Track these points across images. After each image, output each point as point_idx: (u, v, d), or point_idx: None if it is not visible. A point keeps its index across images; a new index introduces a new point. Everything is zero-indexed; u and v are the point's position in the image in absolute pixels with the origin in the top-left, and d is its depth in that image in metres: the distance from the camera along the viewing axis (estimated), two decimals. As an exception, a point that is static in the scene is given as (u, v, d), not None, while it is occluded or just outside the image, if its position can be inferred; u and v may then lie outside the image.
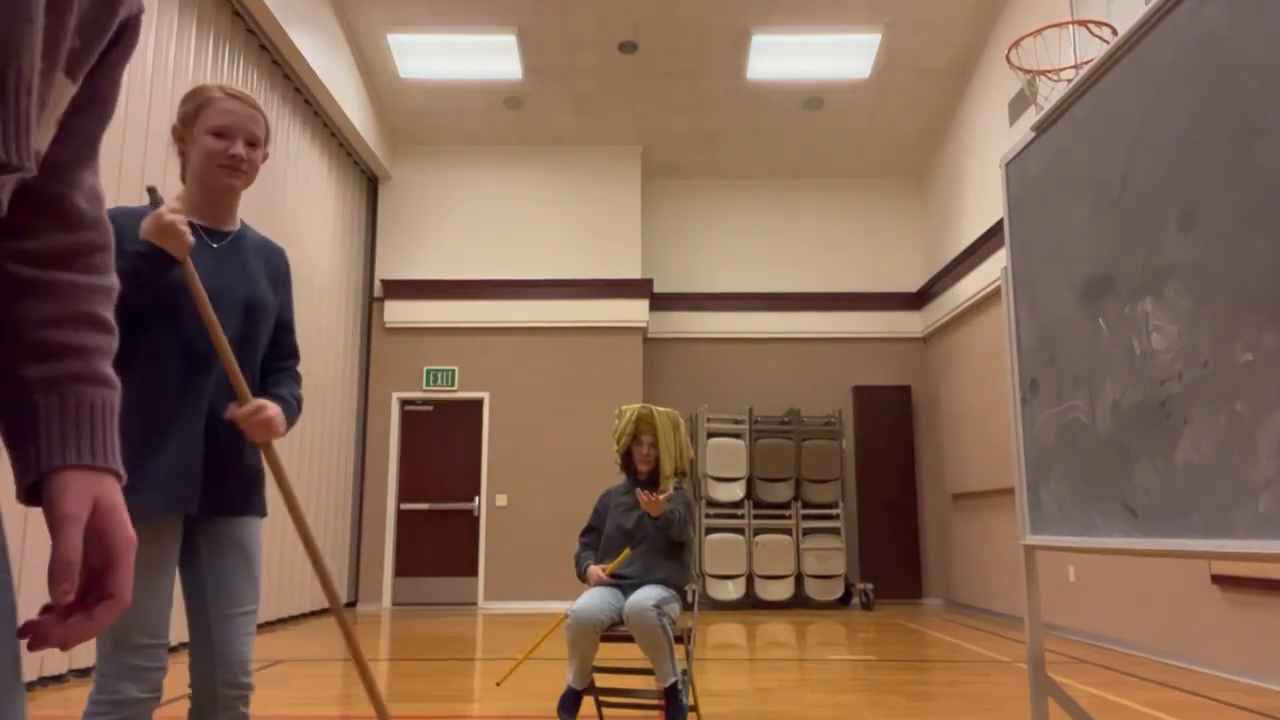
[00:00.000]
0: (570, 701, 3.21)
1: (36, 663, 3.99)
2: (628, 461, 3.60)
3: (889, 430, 9.37)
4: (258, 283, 1.86)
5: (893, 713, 3.75)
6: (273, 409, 1.76)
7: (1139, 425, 2.07)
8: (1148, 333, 2.03)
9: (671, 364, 9.46)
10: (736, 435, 8.85)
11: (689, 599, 3.61)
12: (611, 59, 8.11)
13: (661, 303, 9.45)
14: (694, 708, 3.29)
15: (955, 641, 6.19)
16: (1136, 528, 2.07)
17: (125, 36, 0.71)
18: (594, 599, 3.22)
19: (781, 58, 8.06)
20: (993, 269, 7.56)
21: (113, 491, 0.67)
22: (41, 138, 0.64)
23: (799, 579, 8.69)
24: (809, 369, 9.47)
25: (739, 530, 8.65)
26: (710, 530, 8.60)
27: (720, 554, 8.55)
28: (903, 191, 9.83)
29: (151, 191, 1.67)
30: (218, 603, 1.73)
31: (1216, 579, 4.72)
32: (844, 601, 8.72)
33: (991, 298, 7.67)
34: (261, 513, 1.83)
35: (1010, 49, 4.84)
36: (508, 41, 7.88)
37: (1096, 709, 3.74)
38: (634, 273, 9.07)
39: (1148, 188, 2.04)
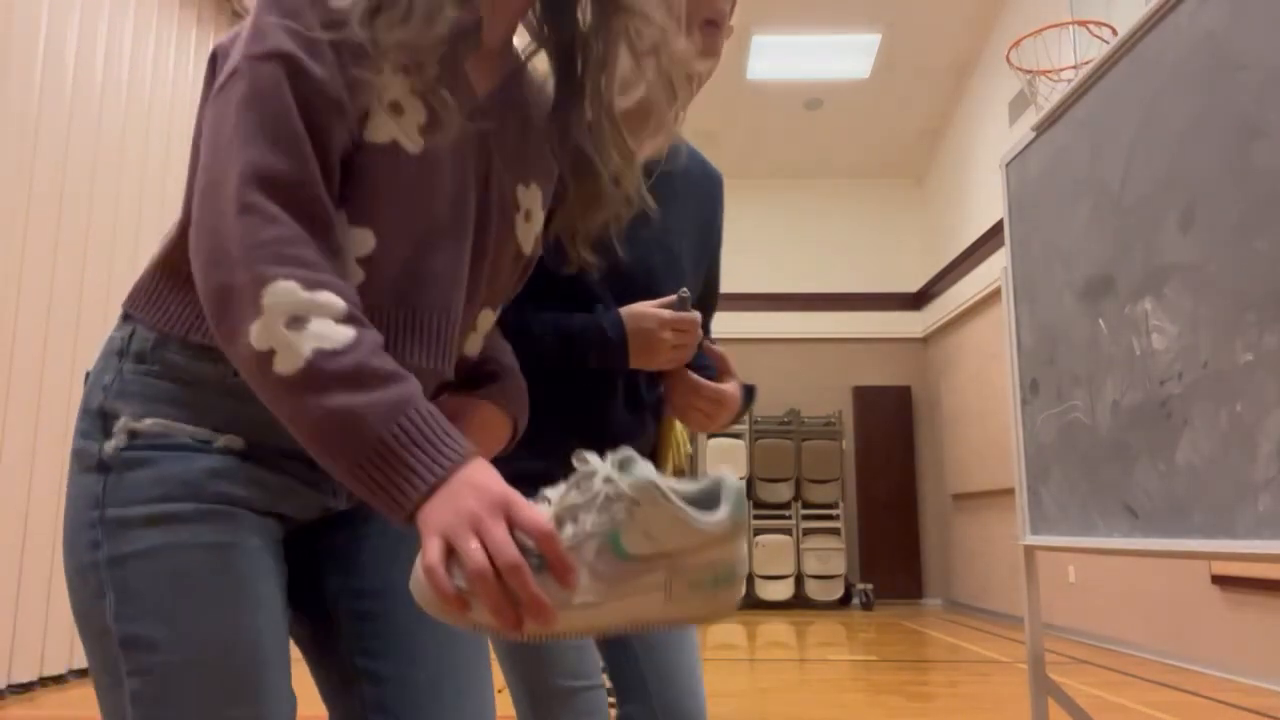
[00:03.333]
0: None
1: (36, 663, 3.99)
2: (627, 462, 3.59)
3: (889, 430, 9.37)
4: (687, 240, 1.33)
5: (893, 713, 3.75)
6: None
7: (1139, 425, 2.06)
8: (1148, 333, 2.03)
9: (671, 364, 9.45)
10: (736, 435, 8.85)
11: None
12: (611, 59, 8.10)
13: (661, 303, 9.43)
14: (694, 708, 3.28)
15: (955, 641, 6.19)
16: (1136, 528, 2.07)
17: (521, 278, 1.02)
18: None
19: (781, 58, 8.06)
20: (993, 269, 7.56)
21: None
22: (476, 346, 0.95)
23: (799, 579, 8.69)
24: (809, 369, 9.46)
25: (739, 530, 8.65)
26: (710, 530, 8.59)
27: (720, 554, 8.54)
28: (903, 191, 9.82)
29: (683, 299, 1.21)
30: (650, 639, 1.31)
31: (1216, 579, 4.72)
32: (844, 602, 8.72)
33: (991, 298, 7.67)
34: None
35: (1010, 49, 4.84)
36: (508, 41, 7.88)
37: (1096, 709, 3.74)
38: (634, 273, 9.06)
39: (1148, 188, 2.04)
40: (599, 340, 1.19)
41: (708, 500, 0.72)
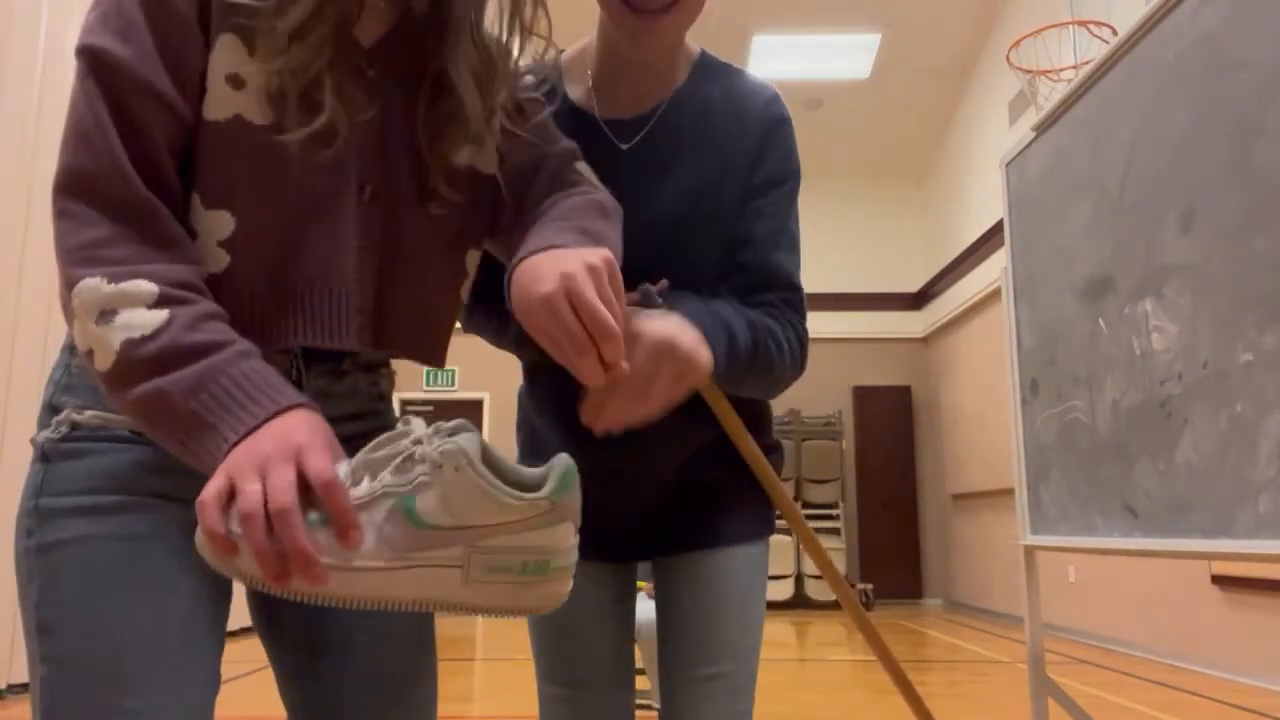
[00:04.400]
0: None
1: (36, 663, 3.98)
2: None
3: (889, 430, 9.37)
4: (701, 207, 1.08)
5: (893, 713, 3.75)
6: None
7: (1139, 425, 2.06)
8: (1148, 333, 2.03)
9: (671, 364, 9.45)
10: (736, 435, 8.85)
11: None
12: (611, 59, 8.10)
13: (661, 303, 9.43)
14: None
15: (955, 641, 6.19)
16: (1137, 528, 2.07)
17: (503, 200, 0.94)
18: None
19: (781, 58, 8.06)
20: (993, 269, 7.56)
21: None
22: (468, 291, 0.93)
23: (799, 579, 8.69)
24: (809, 369, 9.29)
25: (739, 530, 8.65)
26: (710, 530, 8.60)
27: (720, 554, 8.55)
28: (903, 191, 9.82)
29: (647, 293, 0.95)
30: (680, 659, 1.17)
31: (1216, 579, 4.72)
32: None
33: (991, 298, 7.67)
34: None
35: (1010, 49, 4.85)
36: (508, 41, 7.88)
37: (1096, 709, 3.74)
38: (634, 273, 9.06)
39: (1148, 188, 2.04)
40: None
41: (539, 485, 0.66)
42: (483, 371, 9.06)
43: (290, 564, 0.61)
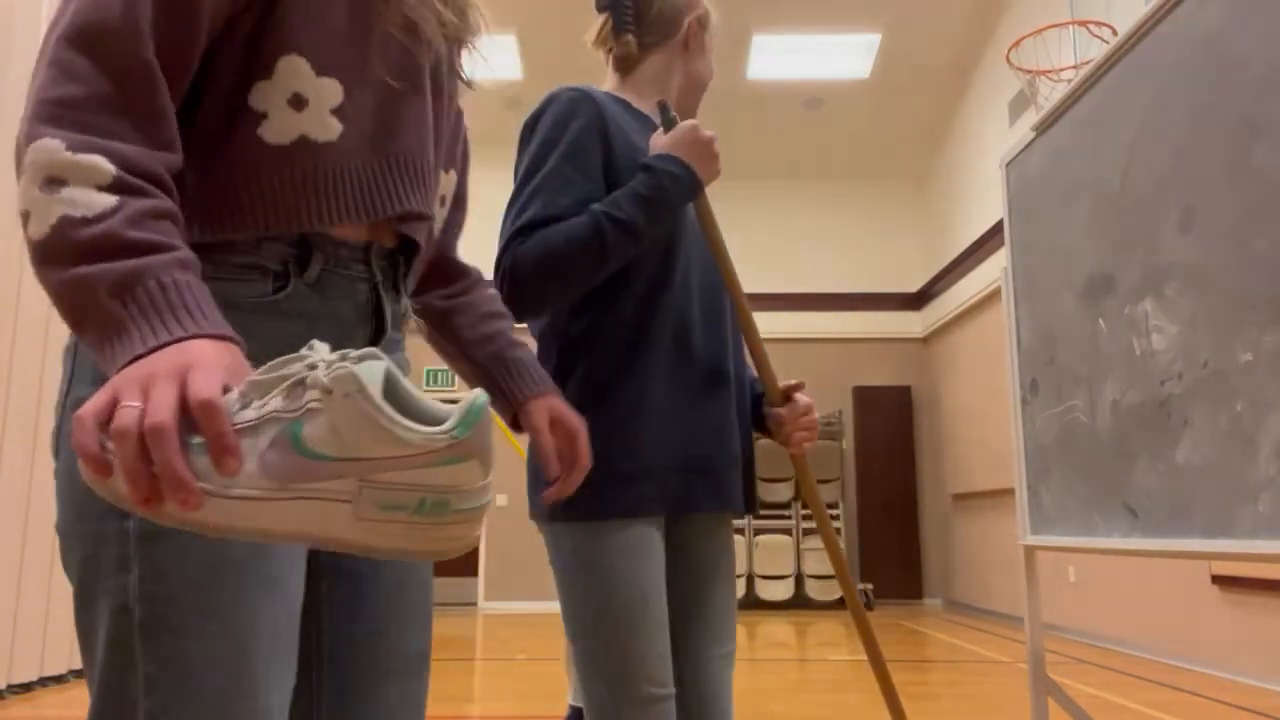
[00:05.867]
0: None
1: (36, 663, 3.99)
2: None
3: (889, 430, 9.36)
4: None
5: (893, 713, 3.74)
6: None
7: (1139, 425, 2.06)
8: (1148, 333, 2.03)
9: (671, 364, 9.43)
10: (736, 435, 8.84)
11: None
12: (611, 59, 8.10)
13: (661, 303, 9.41)
14: (694, 708, 3.27)
15: (955, 642, 6.19)
16: (1137, 528, 2.07)
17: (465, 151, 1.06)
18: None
19: (781, 58, 8.05)
20: (993, 269, 7.56)
21: (556, 400, 1.10)
22: (441, 217, 0.97)
23: (799, 579, 8.69)
24: (809, 369, 9.45)
25: (739, 530, 8.65)
26: (710, 530, 8.59)
27: (720, 554, 8.54)
28: (903, 191, 9.82)
29: (664, 107, 1.34)
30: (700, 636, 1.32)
31: (1216, 579, 4.72)
32: (844, 602, 8.71)
33: (991, 298, 7.67)
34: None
35: (1010, 49, 4.85)
36: (508, 41, 7.88)
37: (1096, 709, 3.74)
38: (634, 273, 9.05)
39: (1148, 188, 2.04)
40: (669, 176, 1.25)
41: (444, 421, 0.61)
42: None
43: (162, 487, 0.56)
